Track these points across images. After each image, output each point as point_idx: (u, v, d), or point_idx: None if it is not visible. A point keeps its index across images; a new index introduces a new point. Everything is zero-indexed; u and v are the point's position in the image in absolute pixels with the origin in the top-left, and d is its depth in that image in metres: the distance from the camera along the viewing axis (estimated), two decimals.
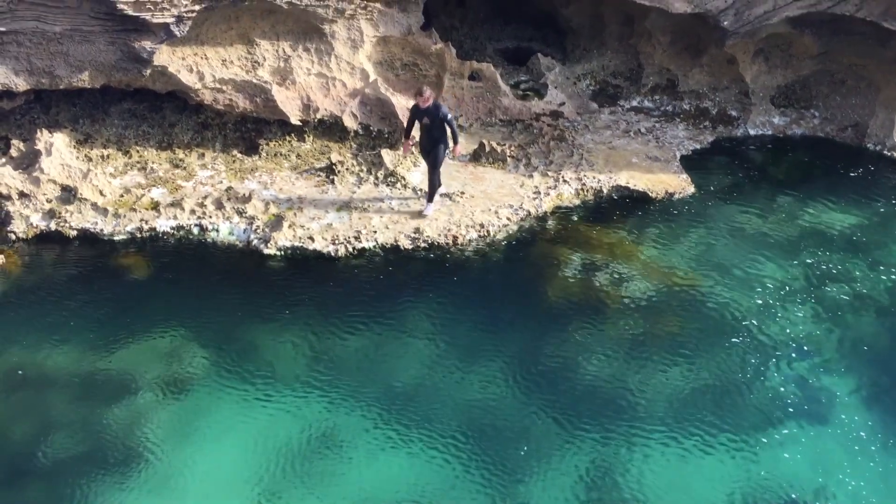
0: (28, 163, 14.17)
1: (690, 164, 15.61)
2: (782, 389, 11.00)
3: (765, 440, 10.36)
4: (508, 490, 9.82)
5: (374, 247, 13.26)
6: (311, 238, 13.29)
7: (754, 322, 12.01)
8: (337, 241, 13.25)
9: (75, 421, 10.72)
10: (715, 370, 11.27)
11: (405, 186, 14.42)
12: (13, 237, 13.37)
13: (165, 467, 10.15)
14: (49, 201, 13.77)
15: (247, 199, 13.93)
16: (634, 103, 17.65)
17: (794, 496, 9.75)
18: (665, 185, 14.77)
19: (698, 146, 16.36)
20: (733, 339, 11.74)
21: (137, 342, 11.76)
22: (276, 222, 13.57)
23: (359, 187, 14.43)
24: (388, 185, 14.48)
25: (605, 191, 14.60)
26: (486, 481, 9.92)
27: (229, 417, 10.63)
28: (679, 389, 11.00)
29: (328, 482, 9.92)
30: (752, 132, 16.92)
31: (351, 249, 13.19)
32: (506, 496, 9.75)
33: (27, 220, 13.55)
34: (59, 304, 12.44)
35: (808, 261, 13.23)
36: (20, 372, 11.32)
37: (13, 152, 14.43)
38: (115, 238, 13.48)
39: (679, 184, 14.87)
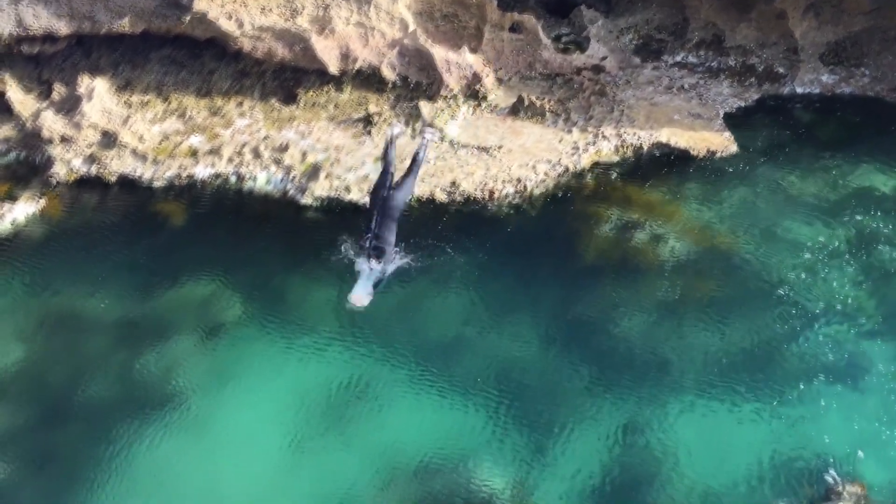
0: (69, 107, 14.28)
1: (734, 122, 15.23)
2: (820, 354, 10.85)
3: (799, 404, 10.27)
4: (538, 445, 9.87)
5: (410, 198, 13.19)
6: (348, 189, 13.27)
7: (794, 285, 11.82)
8: None
9: (113, 365, 10.94)
10: (751, 332, 11.14)
11: (442, 139, 14.30)
12: (54, 181, 13.53)
13: (200, 412, 10.35)
14: (90, 146, 13.88)
15: (284, 148, 13.93)
16: (678, 59, 17.22)
17: (826, 460, 9.68)
18: (707, 143, 14.46)
19: (743, 104, 15.94)
20: (771, 302, 11.56)
21: (174, 289, 11.92)
22: (313, 172, 13.56)
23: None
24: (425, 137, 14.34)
25: (645, 148, 14.34)
26: (516, 436, 9.98)
27: (263, 366, 10.78)
28: (714, 351, 10.90)
29: (359, 432, 10.05)
30: (799, 90, 16.44)
31: None
32: (535, 451, 9.80)
33: (68, 165, 13.69)
34: (99, 249, 12.62)
35: (853, 224, 12.93)
36: (60, 315, 11.55)
37: (55, 96, 14.54)
38: (154, 185, 13.59)
39: (721, 142, 14.55)
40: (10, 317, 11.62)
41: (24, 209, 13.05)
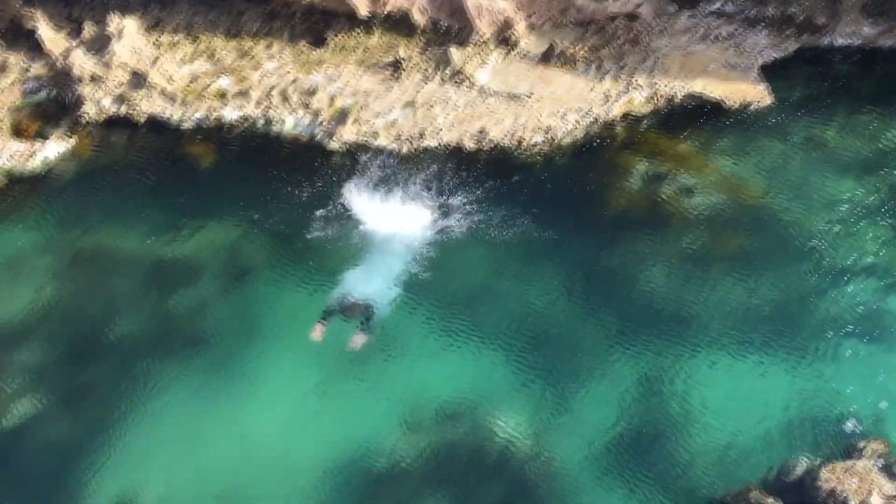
0: (100, 46, 14.26)
1: (770, 73, 14.89)
2: (847, 309, 10.76)
3: (824, 359, 10.23)
4: (559, 394, 9.94)
5: (438, 145, 13.12)
6: (376, 134, 13.21)
7: (824, 241, 11.67)
8: (401, 139, 13.15)
9: (142, 303, 11.11)
10: (778, 286, 11.05)
11: (472, 86, 14.14)
12: (85, 120, 13.59)
13: (227, 353, 10.52)
14: (119, 86, 13.90)
15: (312, 92, 13.86)
16: (715, 7, 16.77)
17: (849, 417, 9.67)
18: (742, 95, 14.17)
19: (780, 55, 15.54)
20: (800, 256, 11.44)
21: (202, 230, 12.02)
22: (341, 117, 13.49)
23: (425, 84, 14.19)
24: (455, 83, 14.21)
25: (677, 98, 14.08)
26: (538, 385, 10.05)
27: (289, 310, 10.88)
28: (739, 304, 10.85)
29: (383, 378, 10.17)
30: (838, 42, 15.99)
31: (414, 147, 13.09)
32: (556, 400, 9.88)
33: (98, 104, 13.73)
34: (128, 188, 12.73)
35: (888, 181, 12.68)
36: (90, 253, 11.71)
37: (85, 35, 14.52)
38: (183, 126, 13.60)
39: (757, 94, 14.25)
40: (43, 254, 11.81)
41: (54, 148, 13.14)
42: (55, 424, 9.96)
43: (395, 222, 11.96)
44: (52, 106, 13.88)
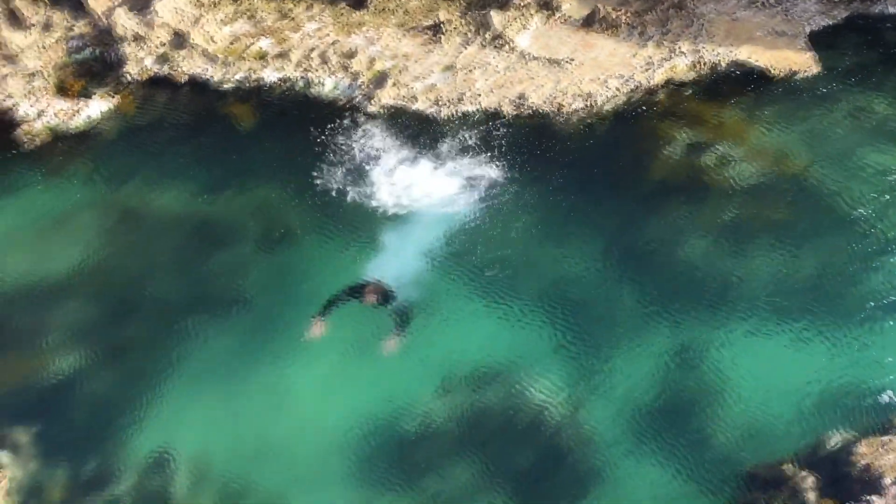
0: (142, 6, 14.35)
1: (819, 41, 14.51)
2: (889, 281, 10.56)
3: (863, 329, 10.08)
4: (592, 362, 9.96)
5: (477, 110, 13.06)
6: (415, 98, 13.18)
7: (866, 214, 11.44)
8: (440, 103, 13.10)
9: (181, 261, 11.29)
10: (818, 261, 10.89)
11: (512, 50, 14.00)
12: (128, 78, 13.72)
13: (264, 313, 10.67)
14: (161, 45, 13.99)
15: (352, 54, 13.84)
16: None
17: (887, 392, 9.56)
18: (788, 63, 13.86)
19: (830, 22, 15.13)
20: (843, 228, 11.22)
21: (241, 191, 12.14)
22: (380, 80, 13.47)
23: (465, 48, 14.09)
24: (495, 47, 14.09)
25: (722, 65, 13.80)
26: (571, 352, 10.08)
27: (326, 272, 10.96)
28: (779, 275, 10.72)
29: (421, 343, 10.24)
30: (892, 9, 15.53)
31: (453, 111, 13.04)
32: (589, 367, 9.90)
33: (141, 63, 13.85)
34: (170, 148, 12.87)
35: None
36: (131, 210, 11.90)
37: None
38: (223, 87, 13.68)
39: (804, 62, 13.93)
40: (86, 211, 12.03)
41: (98, 106, 13.31)
42: (98, 377, 10.22)
43: (432, 187, 11.97)
44: (97, 64, 14.03)
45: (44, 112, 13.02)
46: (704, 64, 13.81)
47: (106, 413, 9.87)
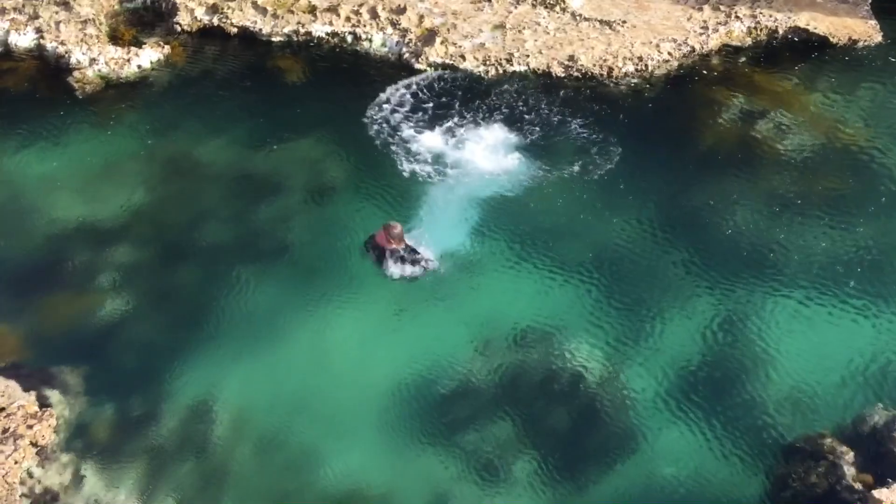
0: None
1: (882, 8, 14.06)
2: None
3: None
4: (633, 329, 9.90)
5: (526, 71, 12.91)
6: (463, 56, 13.05)
7: None
8: (488, 62, 12.97)
9: (228, 211, 11.38)
10: (870, 235, 10.68)
11: (564, 10, 13.77)
12: (178, 29, 13.76)
13: (308, 266, 10.74)
14: None
15: (401, 10, 13.72)
16: None
17: None
18: (849, 31, 13.47)
19: None
20: None
21: (287, 145, 12.17)
22: (429, 37, 13.35)
23: (516, 7, 13.89)
24: (546, 7, 13.87)
25: (780, 31, 13.45)
26: (612, 318, 10.02)
27: (370, 228, 10.93)
28: (828, 248, 10.54)
29: (463, 304, 10.25)
30: None
31: (501, 72, 12.90)
32: (630, 334, 9.84)
33: (192, 14, 13.87)
34: (219, 99, 12.93)
35: None
36: (180, 160, 12.00)
37: None
38: (273, 39, 13.66)
39: (865, 30, 13.52)
40: (135, 160, 12.15)
41: (149, 55, 13.37)
42: (145, 321, 10.38)
43: (478, 149, 11.89)
44: (149, 14, 14.09)
45: (96, 60, 13.13)
46: (762, 29, 13.47)
47: (151, 357, 10.04)
